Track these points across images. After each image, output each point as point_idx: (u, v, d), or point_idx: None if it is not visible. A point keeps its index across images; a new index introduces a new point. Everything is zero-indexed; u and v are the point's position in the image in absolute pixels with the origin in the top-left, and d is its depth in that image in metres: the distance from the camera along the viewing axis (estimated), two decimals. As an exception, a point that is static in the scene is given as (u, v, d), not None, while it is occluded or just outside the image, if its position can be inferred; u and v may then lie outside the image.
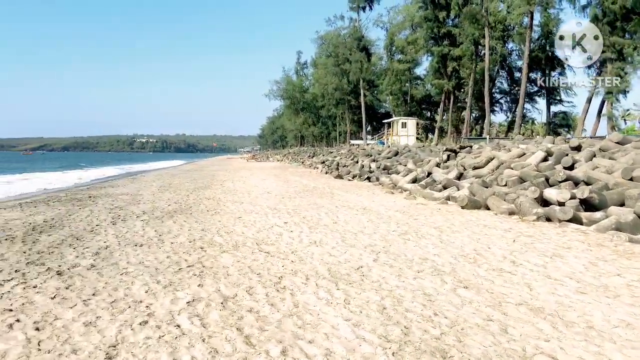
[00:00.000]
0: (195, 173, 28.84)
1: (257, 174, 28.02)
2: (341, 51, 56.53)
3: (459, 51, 39.64)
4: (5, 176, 36.39)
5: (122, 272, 5.37)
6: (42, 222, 8.75)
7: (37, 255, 6.09)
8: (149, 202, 12.21)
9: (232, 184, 19.29)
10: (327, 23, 58.76)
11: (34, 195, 16.05)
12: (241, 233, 7.95)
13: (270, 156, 68.90)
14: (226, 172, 30.76)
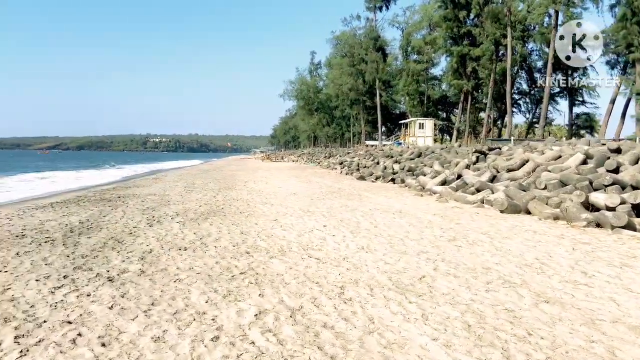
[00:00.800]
0: (214, 173, 28.68)
1: (277, 174, 27.79)
2: (357, 51, 56.16)
3: (478, 51, 39.03)
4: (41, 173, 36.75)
5: (175, 279, 5.11)
6: (78, 223, 8.56)
7: (82, 260, 5.86)
8: (179, 203, 11.99)
9: (255, 185, 19.05)
10: (343, 23, 58.46)
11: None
12: (282, 237, 7.67)
13: (285, 156, 68.70)
14: (245, 172, 30.57)
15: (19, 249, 6.36)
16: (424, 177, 16.97)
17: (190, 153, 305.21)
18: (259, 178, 23.72)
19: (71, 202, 12.04)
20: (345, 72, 58.34)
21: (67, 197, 13.33)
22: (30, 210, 10.23)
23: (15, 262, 5.64)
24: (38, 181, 28.07)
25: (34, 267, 5.48)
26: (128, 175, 37.50)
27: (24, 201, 14.20)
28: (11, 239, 6.97)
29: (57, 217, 9.32)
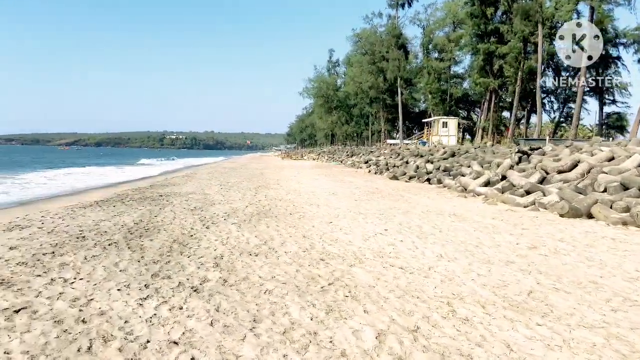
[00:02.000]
0: (242, 171, 28.40)
1: (305, 173, 27.39)
2: (377, 49, 55.43)
3: (506, 49, 38.08)
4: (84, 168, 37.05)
5: (262, 289, 4.71)
6: (133, 224, 8.23)
7: (156, 266, 5.49)
8: (224, 203, 11.64)
9: (289, 184, 18.67)
10: (364, 20, 57.69)
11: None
12: (349, 242, 7.24)
13: (304, 154, 68.33)
14: (271, 170, 30.25)
15: (84, 252, 6.03)
16: (465, 178, 16.40)
17: (206, 150, 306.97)
18: (288, 177, 23.35)
19: (115, 200, 11.77)
20: (366, 70, 57.67)
21: (108, 195, 13.08)
22: (79, 210, 9.95)
23: (87, 268, 5.30)
24: (84, 175, 28.43)
25: (109, 274, 5.13)
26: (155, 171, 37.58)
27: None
28: (73, 241, 6.65)
29: (108, 216, 9.01)
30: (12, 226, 7.78)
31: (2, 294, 4.30)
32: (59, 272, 5.08)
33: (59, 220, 8.46)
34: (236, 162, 49.11)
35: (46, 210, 9.89)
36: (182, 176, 22.20)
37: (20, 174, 32.98)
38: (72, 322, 3.74)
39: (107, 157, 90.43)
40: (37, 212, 9.69)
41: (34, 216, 8.97)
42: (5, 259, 5.53)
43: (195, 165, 53.92)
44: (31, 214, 9.28)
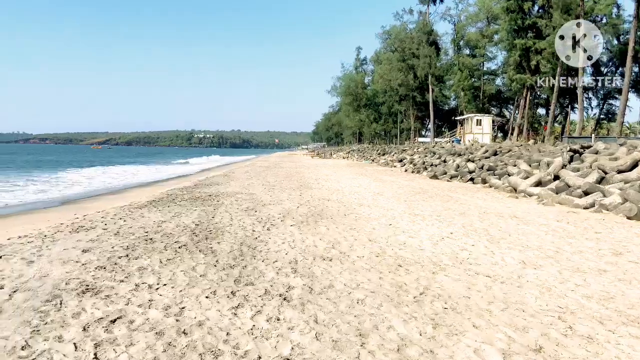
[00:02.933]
0: (277, 170, 28.32)
1: (340, 172, 27.11)
2: (408, 46, 54.64)
3: (544, 44, 36.87)
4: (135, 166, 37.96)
5: (354, 299, 4.44)
6: (194, 225, 8.11)
7: (235, 271, 5.30)
8: (275, 204, 11.47)
9: (329, 184, 18.42)
10: (394, 17, 57.03)
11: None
12: (418, 246, 6.92)
13: (333, 153, 68.03)
14: (306, 169, 30.09)
15: (158, 256, 5.90)
16: (514, 178, 15.81)
17: (233, 149, 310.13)
18: (326, 176, 23.11)
19: (167, 200, 11.74)
20: (395, 67, 56.94)
21: (158, 195, 13.09)
22: (135, 210, 9.92)
23: (166, 273, 5.15)
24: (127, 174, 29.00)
25: (190, 279, 4.96)
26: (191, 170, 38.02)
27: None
28: (142, 244, 6.54)
29: (167, 217, 8.93)
30: (77, 227, 7.76)
31: (92, 301, 4.17)
32: (140, 277, 4.94)
33: (120, 221, 8.41)
34: (268, 160, 49.17)
35: (104, 210, 9.90)
36: (222, 175, 22.22)
37: (66, 172, 33.88)
38: (174, 333, 3.55)
39: (142, 156, 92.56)
40: (95, 212, 9.71)
41: (94, 217, 8.96)
42: (82, 263, 5.44)
43: (228, 163, 54.34)
44: (90, 214, 9.29)
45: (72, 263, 5.41)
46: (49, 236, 6.99)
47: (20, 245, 6.33)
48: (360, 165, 37.51)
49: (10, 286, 4.51)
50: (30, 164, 49.75)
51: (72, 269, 5.18)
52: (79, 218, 8.88)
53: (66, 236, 6.98)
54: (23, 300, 4.13)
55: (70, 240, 6.70)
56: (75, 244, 6.40)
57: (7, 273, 4.96)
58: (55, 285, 4.56)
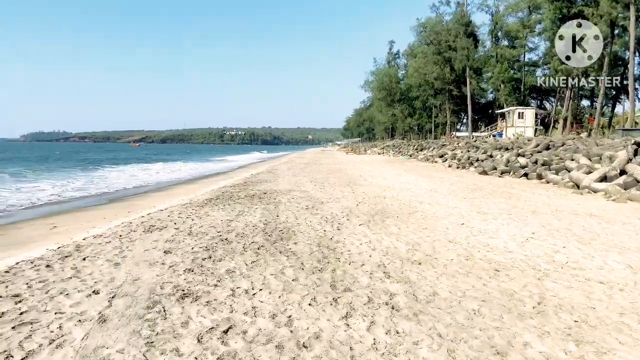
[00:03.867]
0: (318, 167, 28.07)
1: (382, 168, 26.63)
2: (444, 38, 53.32)
3: (592, 33, 35.16)
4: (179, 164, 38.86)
5: (468, 309, 4.06)
6: (263, 225, 7.88)
7: (326, 275, 4.99)
8: (332, 201, 11.17)
9: (376, 180, 18.00)
10: (430, 9, 55.60)
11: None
12: (503, 248, 6.45)
13: (367, 149, 67.34)
14: (346, 165, 29.74)
15: (241, 258, 5.67)
16: (576, 173, 14.98)
17: (265, 145, 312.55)
18: (369, 172, 22.69)
19: (225, 198, 11.62)
20: (431, 61, 55.75)
21: (213, 193, 13.00)
22: (198, 208, 9.80)
23: (257, 277, 4.90)
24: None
25: (284, 283, 4.69)
26: (230, 167, 38.38)
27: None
28: (220, 245, 6.34)
29: (232, 216, 8.75)
30: (149, 227, 7.66)
31: (195, 308, 3.95)
32: (233, 282, 4.71)
33: (188, 220, 8.28)
34: (304, 157, 49.02)
35: (169, 209, 9.82)
36: (266, 172, 22.11)
37: (111, 168, 34.78)
38: (294, 347, 3.27)
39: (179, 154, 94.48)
40: (159, 211, 9.65)
41: (161, 215, 8.88)
42: (169, 265, 5.26)
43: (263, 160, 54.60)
44: (155, 213, 9.23)
45: (158, 265, 5.23)
46: (124, 236, 6.89)
47: (99, 246, 6.23)
48: (398, 161, 36.85)
49: (105, 291, 4.35)
50: (75, 162, 51.40)
51: (161, 271, 5.00)
52: (145, 217, 8.81)
53: (141, 236, 6.87)
54: (124, 307, 3.94)
55: (147, 240, 6.57)
56: (154, 245, 6.25)
57: (98, 276, 4.82)
58: (151, 290, 4.37)
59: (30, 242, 8.81)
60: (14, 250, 7.95)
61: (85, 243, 6.50)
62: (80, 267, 5.11)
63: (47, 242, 8.54)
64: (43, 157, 64.92)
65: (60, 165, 43.11)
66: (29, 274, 4.89)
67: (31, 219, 12.54)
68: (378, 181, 17.52)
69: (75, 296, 4.17)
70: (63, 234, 9.71)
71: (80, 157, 65.77)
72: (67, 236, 9.03)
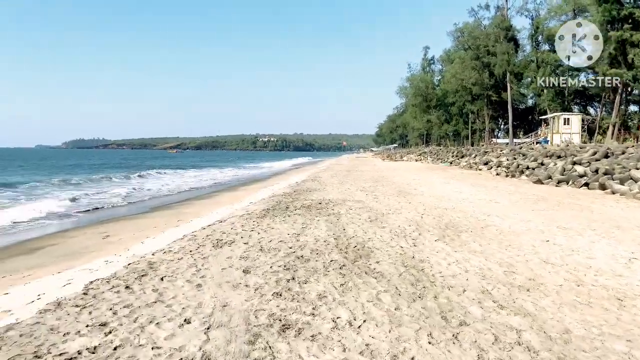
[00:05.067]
0: (360, 174, 27.49)
1: (426, 175, 25.79)
2: (482, 43, 51.94)
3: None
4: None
5: (623, 357, 3.43)
6: (333, 239, 7.37)
7: (429, 303, 4.43)
8: (393, 212, 10.58)
9: (425, 188, 17.28)
10: (469, 14, 54.35)
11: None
12: (611, 272, 5.71)
13: (403, 155, 66.24)
14: (387, 172, 29.03)
15: (326, 279, 5.17)
16: (650, 183, 13.87)
17: (297, 152, 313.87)
18: (415, 180, 21.94)
19: (280, 208, 11.20)
20: (469, 66, 54.44)
21: (267, 203, 12.62)
22: (259, 220, 9.39)
23: (353, 303, 4.37)
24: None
25: (388, 314, 4.15)
26: (272, 171, 38.31)
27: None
28: (299, 264, 5.86)
29: (297, 229, 8.29)
30: (216, 241, 7.28)
31: (302, 344, 3.45)
32: (329, 310, 4.20)
33: (254, 233, 7.87)
34: (341, 163, 48.48)
35: (229, 220, 9.47)
36: (311, 180, 21.69)
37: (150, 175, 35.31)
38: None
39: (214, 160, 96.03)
40: (219, 222, 9.31)
41: (223, 227, 8.53)
42: (254, 288, 4.80)
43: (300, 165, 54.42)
44: (216, 225, 8.90)
45: (242, 288, 4.80)
46: (194, 252, 6.52)
47: (173, 264, 5.87)
48: (439, 168, 35.79)
49: (198, 320, 3.92)
50: (118, 167, 52.68)
51: (248, 295, 4.55)
52: (206, 229, 8.48)
53: (212, 252, 6.48)
54: (224, 341, 3.50)
55: (220, 257, 6.17)
56: (229, 262, 5.84)
57: (183, 301, 4.41)
58: (246, 320, 3.92)
59: (87, 253, 8.63)
60: (73, 261, 7.75)
61: (156, 259, 6.15)
62: (162, 289, 4.73)
63: (103, 253, 8.32)
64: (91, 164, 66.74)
65: (104, 171, 44.14)
66: (110, 296, 4.54)
67: (82, 226, 12.52)
68: (429, 190, 16.79)
69: (167, 326, 3.76)
70: (116, 244, 9.53)
71: (122, 164, 67.42)
72: (122, 246, 8.82)
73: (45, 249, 9.37)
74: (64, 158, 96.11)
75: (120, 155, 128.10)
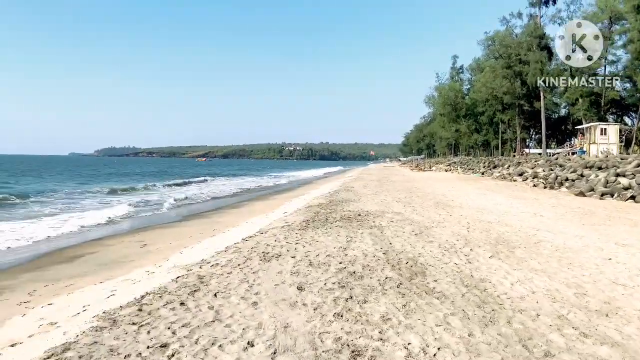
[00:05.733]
0: (392, 184, 27.05)
1: (459, 186, 25.17)
2: (514, 51, 50.82)
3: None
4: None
5: None
6: (382, 254, 7.04)
7: (503, 329, 4.07)
8: (437, 226, 10.18)
9: (462, 200, 16.79)
10: (500, 22, 53.36)
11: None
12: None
13: (432, 165, 65.25)
14: (419, 183, 28.50)
15: (386, 299, 4.86)
16: None
17: (322, 161, 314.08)
18: (449, 192, 21.39)
19: (320, 220, 10.95)
20: (500, 75, 53.37)
21: (306, 214, 12.40)
22: (301, 232, 9.14)
23: (420, 327, 4.06)
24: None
25: (463, 341, 3.82)
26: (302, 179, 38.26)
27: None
28: (353, 281, 5.57)
29: (342, 242, 8.01)
30: (262, 253, 7.08)
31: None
32: (397, 334, 3.90)
33: (299, 246, 7.63)
34: (370, 173, 48.01)
35: (270, 232, 9.28)
36: (344, 190, 21.41)
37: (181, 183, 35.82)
38: None
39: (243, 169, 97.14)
40: (260, 234, 9.14)
41: (266, 240, 8.33)
42: (312, 307, 4.54)
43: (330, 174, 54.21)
44: (259, 237, 8.72)
45: (300, 307, 4.55)
46: (242, 265, 6.32)
47: (223, 278, 5.68)
48: (471, 179, 34.97)
49: (261, 343, 3.69)
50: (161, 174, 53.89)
51: (308, 315, 4.31)
52: (251, 242, 8.30)
53: (261, 266, 6.27)
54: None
55: (271, 271, 5.95)
56: (281, 278, 5.61)
57: (242, 320, 4.19)
58: (311, 344, 3.67)
59: (126, 262, 8.59)
60: (114, 270, 7.71)
61: (205, 273, 5.98)
62: (217, 307, 4.53)
63: (143, 263, 8.26)
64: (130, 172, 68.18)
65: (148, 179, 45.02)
66: (166, 314, 4.37)
67: (117, 234, 12.59)
68: (466, 201, 16.26)
69: (231, 349, 3.55)
70: (155, 253, 9.48)
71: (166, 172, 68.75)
72: (160, 256, 8.77)
73: (84, 257, 9.42)
74: (102, 166, 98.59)
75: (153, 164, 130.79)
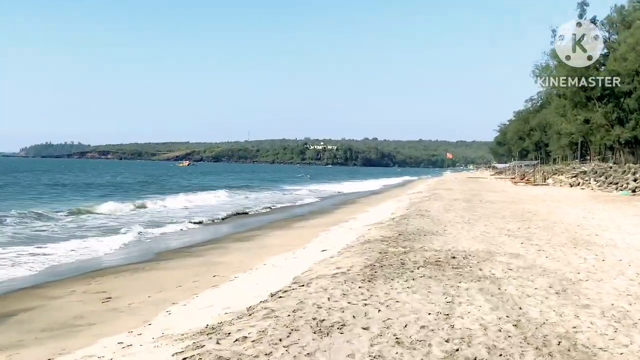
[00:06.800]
0: (486, 205, 26.59)
1: (599, 212, 24.59)
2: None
3: None
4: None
5: None
6: (515, 329, 6.61)
7: None
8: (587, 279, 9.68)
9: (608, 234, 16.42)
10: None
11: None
12: None
13: (547, 176, 64.11)
14: (530, 204, 28.02)
15: None
16: None
17: (365, 167, 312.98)
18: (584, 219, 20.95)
19: (388, 263, 10.60)
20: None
21: (362, 252, 12.12)
22: (363, 284, 8.84)
23: None
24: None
25: None
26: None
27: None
28: None
29: (440, 305, 7.61)
30: (312, 321, 6.76)
31: None
32: None
33: (369, 309, 7.28)
34: (450, 188, 47.43)
35: (316, 284, 9.05)
36: (418, 215, 20.94)
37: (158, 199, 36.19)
38: None
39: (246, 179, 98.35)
40: (300, 286, 8.96)
41: (310, 295, 8.08)
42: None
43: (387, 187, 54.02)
44: (299, 292, 8.53)
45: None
46: (284, 340, 6.03)
47: None
48: (617, 198, 33.95)
49: None
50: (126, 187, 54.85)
51: None
52: (289, 300, 8.08)
53: (317, 343, 5.94)
54: None
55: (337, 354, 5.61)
56: None
57: None
58: None
59: (84, 326, 8.88)
60: (70, 339, 7.63)
61: (229, 355, 5.70)
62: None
63: (109, 327, 8.33)
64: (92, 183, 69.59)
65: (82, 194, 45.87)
66: None
67: (63, 280, 12.79)
68: (620, 237, 15.71)
69: None
70: (127, 312, 9.81)
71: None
72: (137, 317, 8.99)
73: (17, 317, 9.67)
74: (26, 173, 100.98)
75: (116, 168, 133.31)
